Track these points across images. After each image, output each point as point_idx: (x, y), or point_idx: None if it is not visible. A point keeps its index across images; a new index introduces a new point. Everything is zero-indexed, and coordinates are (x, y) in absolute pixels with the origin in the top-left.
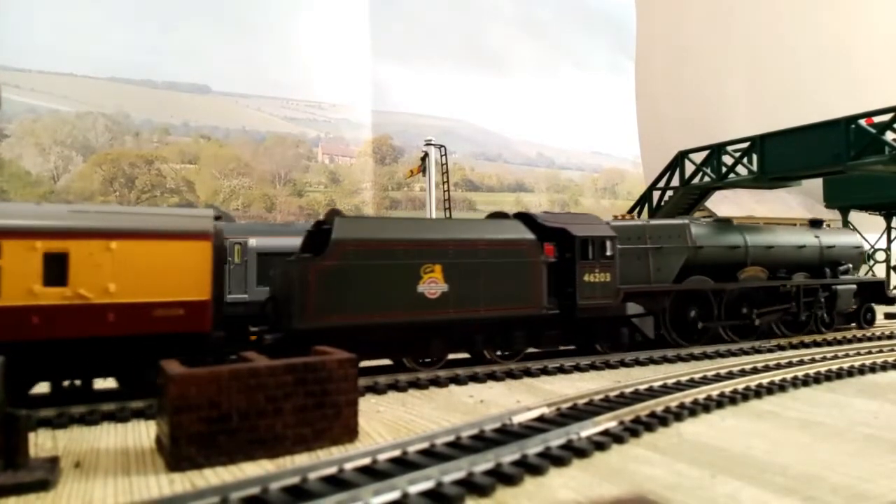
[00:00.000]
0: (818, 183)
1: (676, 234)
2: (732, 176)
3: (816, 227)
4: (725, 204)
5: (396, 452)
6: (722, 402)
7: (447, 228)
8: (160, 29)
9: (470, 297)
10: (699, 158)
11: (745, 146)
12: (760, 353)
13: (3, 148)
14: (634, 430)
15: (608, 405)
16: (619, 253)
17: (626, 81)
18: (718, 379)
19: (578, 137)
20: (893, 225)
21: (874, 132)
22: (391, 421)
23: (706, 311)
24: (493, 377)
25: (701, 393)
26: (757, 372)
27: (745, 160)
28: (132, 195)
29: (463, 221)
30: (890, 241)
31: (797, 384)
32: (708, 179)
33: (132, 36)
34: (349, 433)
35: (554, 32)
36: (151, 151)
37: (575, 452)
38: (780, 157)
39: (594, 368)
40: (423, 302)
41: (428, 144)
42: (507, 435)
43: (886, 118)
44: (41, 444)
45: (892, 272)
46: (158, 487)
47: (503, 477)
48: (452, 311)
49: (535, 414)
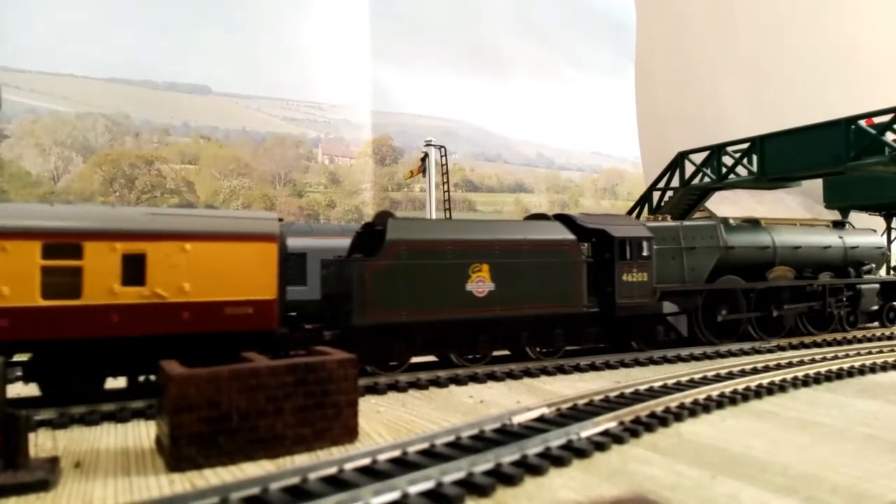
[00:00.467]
0: (818, 183)
1: (709, 234)
2: (732, 176)
3: (839, 227)
4: (725, 204)
5: (396, 453)
6: (722, 402)
7: (493, 229)
8: (160, 29)
9: (515, 295)
10: (699, 159)
11: (745, 147)
12: (760, 353)
13: (3, 148)
14: (634, 430)
15: (608, 405)
16: (655, 253)
17: (625, 82)
18: (718, 379)
19: (578, 138)
20: (893, 225)
21: (874, 133)
22: (391, 421)
23: (736, 309)
24: (492, 377)
25: (701, 393)
26: (757, 372)
27: (745, 161)
28: (132, 195)
29: (506, 222)
30: (890, 241)
31: (797, 384)
32: (708, 180)
33: (132, 36)
34: (349, 433)
35: (554, 33)
36: (151, 152)
37: (575, 453)
38: (780, 157)
39: (594, 369)
40: (471, 300)
41: (428, 145)
42: (507, 435)
43: (886, 119)
44: (41, 444)
45: (892, 272)
46: (158, 487)
47: (503, 477)
48: (499, 308)
49: (535, 414)
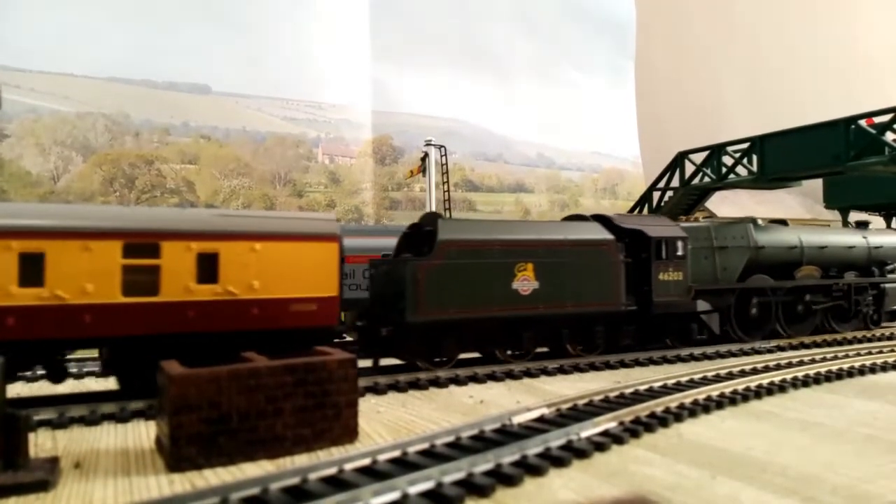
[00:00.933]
0: (818, 183)
1: (740, 234)
2: (732, 176)
3: (862, 228)
4: (725, 204)
5: (396, 453)
6: (722, 402)
7: (536, 229)
8: (160, 29)
9: (557, 293)
10: (699, 159)
11: (744, 147)
12: (760, 353)
13: (3, 148)
14: (634, 430)
15: (608, 406)
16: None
17: (625, 82)
18: (718, 379)
19: (578, 138)
20: (893, 225)
21: (874, 133)
22: (391, 421)
23: (765, 307)
24: (492, 378)
25: (701, 394)
26: (757, 373)
27: (744, 161)
28: (132, 195)
29: (547, 223)
30: None
31: (797, 385)
32: (708, 180)
33: (132, 36)
34: (349, 434)
35: (554, 33)
36: (151, 152)
37: (575, 453)
38: (779, 157)
39: (594, 369)
40: (517, 298)
41: (428, 145)
42: (506, 435)
43: (886, 119)
44: (41, 444)
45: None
46: (158, 488)
47: (503, 477)
48: (542, 306)
49: (534, 414)
